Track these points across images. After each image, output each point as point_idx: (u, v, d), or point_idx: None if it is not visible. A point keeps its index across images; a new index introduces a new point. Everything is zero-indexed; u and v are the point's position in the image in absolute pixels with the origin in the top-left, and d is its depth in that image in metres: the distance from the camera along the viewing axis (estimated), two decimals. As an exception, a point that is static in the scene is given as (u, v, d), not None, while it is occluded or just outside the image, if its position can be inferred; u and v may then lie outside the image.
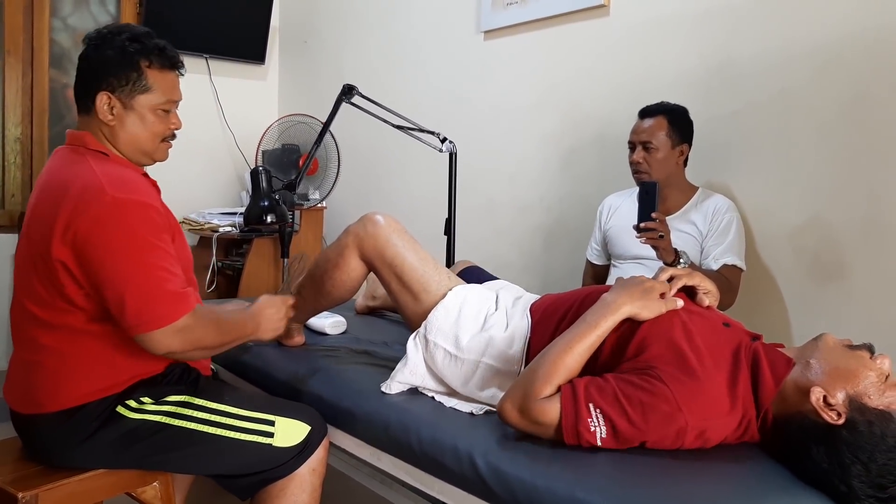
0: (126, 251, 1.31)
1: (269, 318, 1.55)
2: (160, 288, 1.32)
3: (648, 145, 2.10)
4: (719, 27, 2.21)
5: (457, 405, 1.50)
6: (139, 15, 3.64)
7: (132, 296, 1.30)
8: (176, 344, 1.34)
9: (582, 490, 1.12)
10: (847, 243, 1.96)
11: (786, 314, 2.09)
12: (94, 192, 1.32)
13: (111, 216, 1.31)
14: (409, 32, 3.35)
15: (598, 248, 2.38)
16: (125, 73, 1.44)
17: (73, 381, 1.38)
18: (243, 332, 1.50)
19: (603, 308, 1.34)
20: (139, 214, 1.34)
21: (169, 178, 3.74)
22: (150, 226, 1.35)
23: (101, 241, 1.31)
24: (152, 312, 1.31)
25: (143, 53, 1.45)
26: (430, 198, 2.95)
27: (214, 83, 3.90)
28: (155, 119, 1.49)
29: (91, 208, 1.31)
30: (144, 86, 1.45)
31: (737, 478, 1.18)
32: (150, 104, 1.47)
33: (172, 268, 1.36)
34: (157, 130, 1.50)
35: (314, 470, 1.49)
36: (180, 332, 1.34)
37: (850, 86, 1.95)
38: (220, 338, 1.44)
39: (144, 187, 1.43)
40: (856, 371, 1.18)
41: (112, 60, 1.43)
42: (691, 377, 1.22)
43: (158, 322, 1.31)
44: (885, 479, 1.10)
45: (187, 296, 1.36)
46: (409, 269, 1.69)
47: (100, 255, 1.31)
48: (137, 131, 1.47)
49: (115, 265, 1.31)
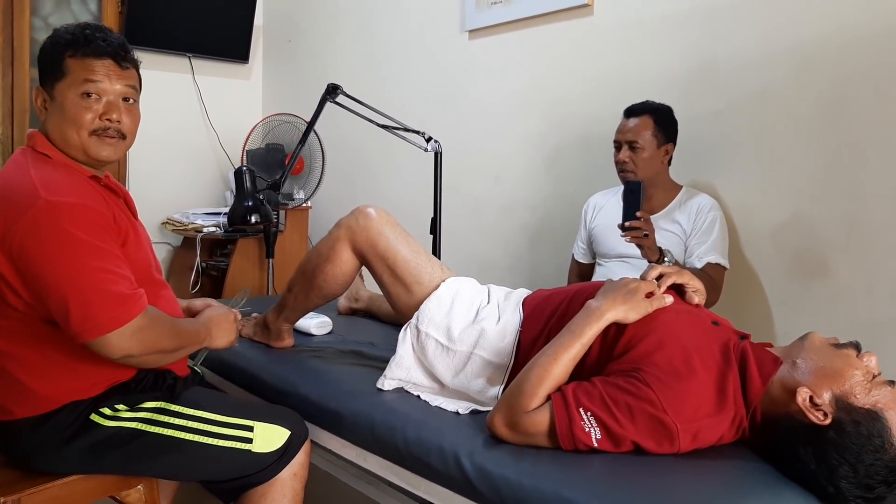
0: (63, 255, 1.25)
1: (219, 327, 1.53)
2: (106, 291, 1.25)
3: (634, 145, 2.11)
4: (701, 27, 2.23)
5: (442, 404, 1.50)
6: (121, 14, 3.61)
7: (75, 302, 1.23)
8: (133, 346, 1.28)
9: (568, 489, 1.12)
10: (829, 241, 1.98)
11: (769, 312, 2.11)
12: (28, 197, 1.26)
13: (45, 221, 1.25)
14: (393, 31, 3.35)
15: (583, 247, 2.39)
16: (49, 65, 1.40)
17: (37, 386, 1.34)
18: (197, 339, 1.47)
19: (587, 315, 1.34)
20: (75, 216, 1.27)
21: (152, 178, 3.76)
22: (89, 227, 1.29)
23: (37, 248, 1.25)
24: (99, 317, 1.24)
25: (70, 44, 1.39)
26: (416, 197, 2.95)
27: (198, 82, 3.88)
28: (74, 107, 1.39)
29: (26, 214, 1.25)
30: (61, 72, 1.39)
31: (724, 475, 1.19)
32: (67, 90, 1.39)
33: (118, 269, 1.29)
34: (78, 119, 1.39)
35: (296, 474, 1.46)
36: (136, 334, 1.28)
37: (830, 85, 1.97)
38: (176, 341, 1.39)
39: (81, 189, 1.35)
40: (842, 370, 1.18)
41: (42, 54, 1.41)
42: (676, 378, 1.22)
43: (107, 325, 1.25)
44: (872, 479, 1.10)
45: (137, 296, 1.30)
46: (401, 262, 1.68)
47: (38, 263, 1.25)
48: (60, 122, 1.40)
49: (54, 271, 1.24)
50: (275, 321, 1.88)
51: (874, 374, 1.18)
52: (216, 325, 1.53)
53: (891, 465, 1.10)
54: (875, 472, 1.10)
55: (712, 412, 1.23)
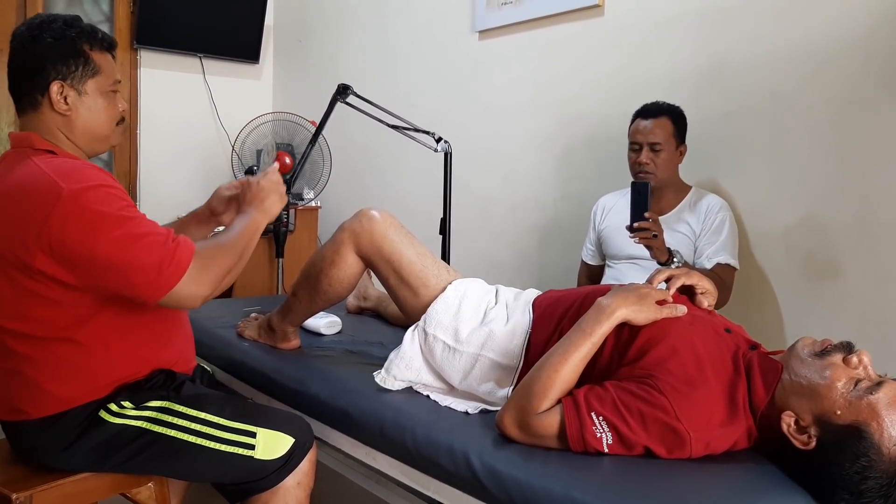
0: (103, 234, 1.27)
1: (267, 197, 1.54)
2: (154, 251, 1.29)
3: (656, 146, 2.09)
4: (712, 28, 2.22)
5: (452, 404, 1.50)
6: (133, 14, 3.63)
7: (133, 271, 1.28)
8: (203, 286, 1.34)
9: (578, 490, 1.12)
10: (840, 243, 1.97)
11: (779, 313, 2.10)
12: (51, 192, 1.28)
13: (75, 209, 1.27)
14: (404, 32, 3.35)
15: (592, 249, 2.38)
16: (73, 59, 1.40)
17: (52, 387, 1.36)
18: (252, 231, 1.50)
19: (597, 313, 1.33)
20: (100, 197, 1.30)
21: (163, 176, 3.78)
22: (115, 202, 1.32)
23: (77, 236, 1.27)
24: (161, 276, 1.28)
25: (83, 37, 1.42)
26: (425, 198, 2.95)
27: (209, 82, 3.89)
28: (106, 102, 1.45)
29: (55, 209, 1.26)
30: (93, 69, 1.42)
31: (734, 478, 1.18)
32: (100, 87, 1.44)
33: (155, 229, 1.34)
34: (111, 113, 1.47)
35: (299, 483, 1.44)
36: (199, 274, 1.33)
37: (841, 87, 1.96)
38: (236, 252, 1.44)
39: (95, 173, 1.37)
40: (824, 387, 1.15)
41: (55, 48, 1.39)
42: (690, 386, 1.21)
43: (171, 280, 1.29)
44: (866, 497, 1.09)
45: (181, 244, 1.34)
46: (407, 264, 1.68)
47: (84, 249, 1.27)
48: (93, 117, 1.44)
49: (102, 252, 1.27)
50: (279, 323, 1.88)
51: (858, 380, 1.14)
52: (264, 198, 1.54)
53: (882, 482, 1.09)
54: (868, 489, 1.09)
55: (725, 421, 1.22)
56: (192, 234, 1.65)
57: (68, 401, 1.37)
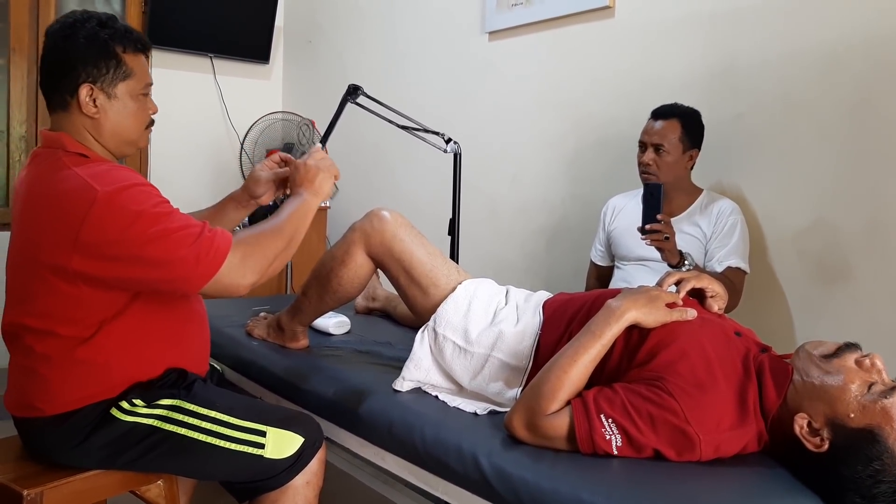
0: (141, 232, 1.28)
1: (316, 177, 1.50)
2: (192, 243, 1.29)
3: (660, 148, 2.09)
4: (723, 30, 2.21)
5: (461, 405, 1.50)
6: (144, 14, 3.64)
7: (175, 264, 1.28)
8: (248, 272, 1.33)
9: (587, 491, 1.12)
10: (851, 246, 1.96)
11: (790, 317, 2.09)
12: (85, 196, 1.29)
13: (110, 211, 1.28)
14: (413, 32, 3.35)
15: (601, 250, 2.38)
16: (104, 62, 1.38)
17: (68, 386, 1.37)
18: (303, 214, 1.46)
19: (607, 315, 1.33)
20: (134, 196, 1.31)
21: (173, 176, 3.78)
22: (149, 200, 1.32)
23: (116, 237, 1.28)
24: (199, 264, 1.29)
25: (116, 38, 1.40)
26: (434, 198, 2.95)
27: (219, 82, 3.90)
28: (136, 105, 1.45)
29: (91, 212, 1.27)
30: (125, 72, 1.41)
31: (744, 481, 1.18)
32: (131, 91, 1.43)
33: (190, 220, 1.34)
34: (142, 117, 1.46)
35: (308, 483, 1.44)
36: (242, 262, 1.32)
37: (854, 89, 1.94)
38: (284, 236, 1.41)
39: (126, 174, 1.38)
40: (836, 389, 1.15)
41: (87, 49, 1.38)
42: (700, 389, 1.21)
43: (211, 269, 1.29)
44: (880, 501, 1.08)
45: (219, 234, 1.33)
46: (417, 264, 1.68)
47: (125, 249, 1.28)
48: (122, 120, 1.43)
49: (143, 250, 1.28)
50: (289, 323, 1.89)
51: (872, 383, 1.14)
52: (313, 178, 1.50)
53: (894, 486, 1.08)
54: (880, 493, 1.09)
55: (735, 424, 1.22)
56: (230, 217, 1.68)
57: (81, 399, 1.38)
